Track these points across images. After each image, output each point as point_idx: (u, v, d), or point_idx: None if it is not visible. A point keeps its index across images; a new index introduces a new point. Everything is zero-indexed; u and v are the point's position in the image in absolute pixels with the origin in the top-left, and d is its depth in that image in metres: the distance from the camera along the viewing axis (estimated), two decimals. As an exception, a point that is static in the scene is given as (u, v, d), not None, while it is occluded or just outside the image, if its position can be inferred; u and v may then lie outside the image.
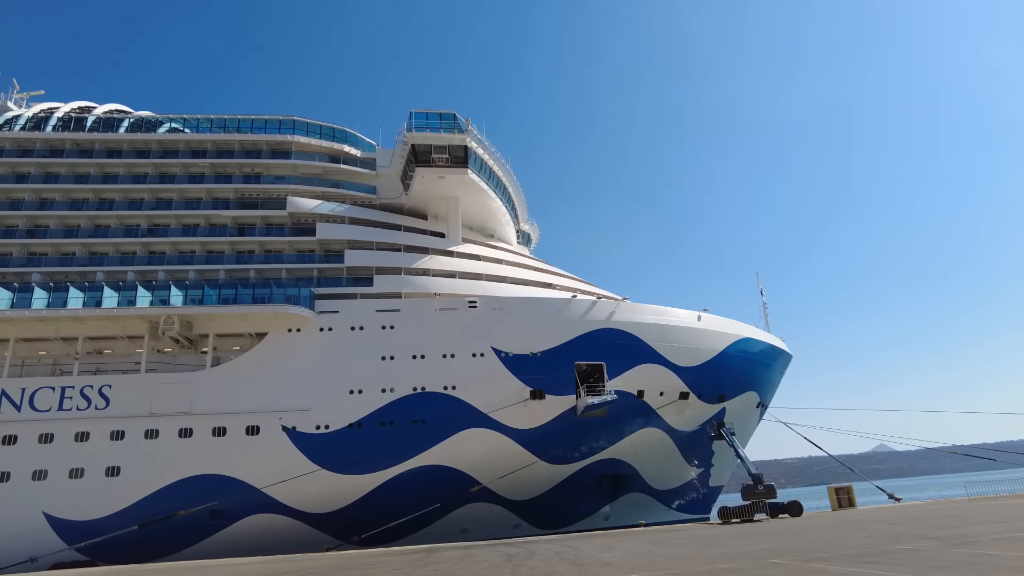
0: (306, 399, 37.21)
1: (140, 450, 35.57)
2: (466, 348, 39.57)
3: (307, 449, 36.26)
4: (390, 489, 36.74)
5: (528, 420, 39.01)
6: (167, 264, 41.51)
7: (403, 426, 37.67)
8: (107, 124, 45.75)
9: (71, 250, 41.98)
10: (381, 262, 42.34)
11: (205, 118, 46.44)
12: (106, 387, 36.75)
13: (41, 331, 38.46)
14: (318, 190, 44.73)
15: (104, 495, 34.58)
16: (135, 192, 43.79)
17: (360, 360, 38.58)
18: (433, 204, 46.31)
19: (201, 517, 34.73)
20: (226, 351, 40.01)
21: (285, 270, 41.87)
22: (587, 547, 23.04)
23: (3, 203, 42.76)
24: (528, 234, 57.67)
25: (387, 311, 40.02)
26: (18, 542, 32.88)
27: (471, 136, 42.46)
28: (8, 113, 46.42)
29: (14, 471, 34.57)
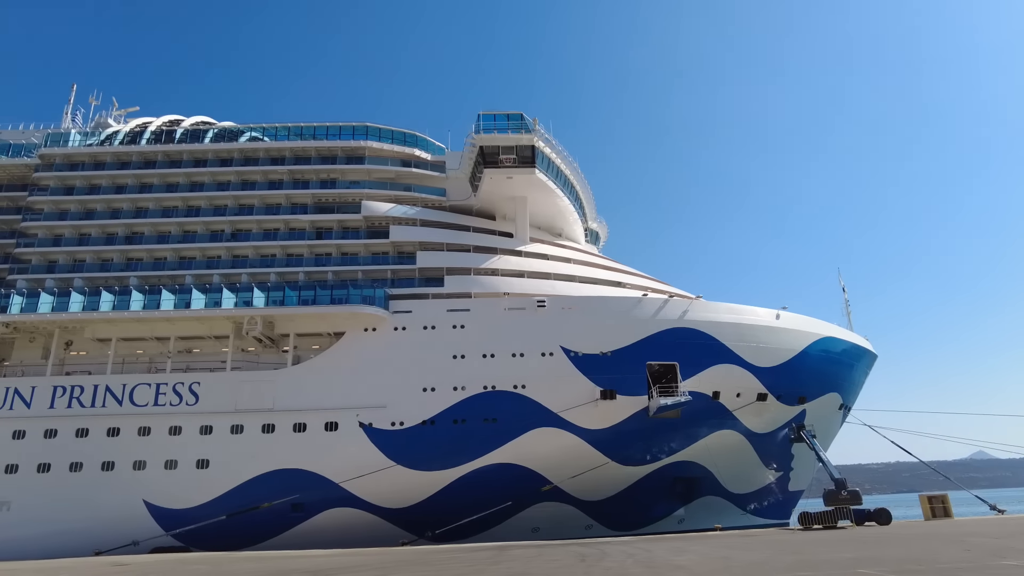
0: (382, 396, 38.21)
1: (227, 444, 37.43)
2: (535, 347, 39.61)
3: (383, 445, 37.22)
4: (462, 486, 37.21)
5: (599, 420, 38.68)
6: (250, 267, 43.48)
7: (475, 424, 38.09)
8: (194, 136, 48.40)
9: (163, 255, 44.64)
10: (451, 263, 42.98)
11: (283, 126, 48.43)
12: (196, 384, 38.91)
13: (138, 331, 41.17)
14: (391, 193, 45.88)
15: (195, 486, 36.63)
16: (220, 199, 46.12)
17: (432, 359, 39.27)
18: (501, 204, 46.65)
19: (283, 510, 36.24)
20: (306, 350, 41.57)
21: (361, 272, 43.14)
22: (660, 550, 22.61)
23: (105, 213, 45.92)
24: (596, 232, 57.19)
25: (458, 311, 40.57)
26: (122, 526, 35.27)
27: (538, 136, 42.53)
28: (108, 129, 49.81)
29: (118, 461, 37.11)
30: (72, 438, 37.53)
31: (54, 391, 38.70)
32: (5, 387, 38.81)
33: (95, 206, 46.06)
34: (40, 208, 45.73)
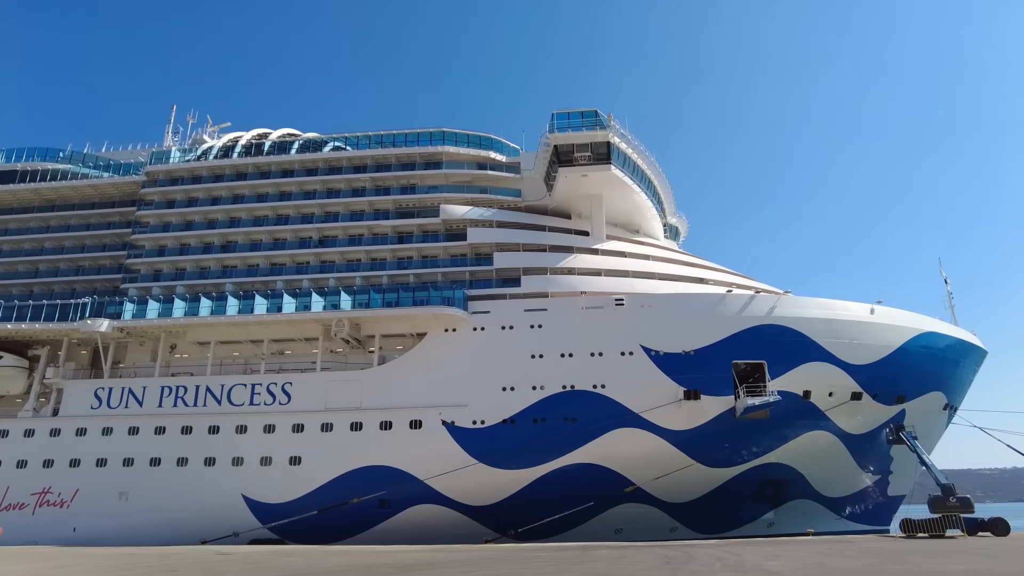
0: (463, 395, 38.84)
1: (317, 442, 39.06)
2: (614, 347, 39.18)
3: (465, 443, 37.82)
4: (544, 485, 37.27)
5: (683, 421, 37.83)
6: (337, 272, 45.23)
7: (555, 423, 38.08)
8: (281, 148, 50.77)
9: (256, 262, 47.08)
10: (528, 263, 43.17)
11: (364, 135, 50.07)
12: (288, 384, 40.86)
13: (234, 334, 43.58)
14: (467, 196, 46.59)
15: (289, 481, 38.42)
16: (307, 208, 48.17)
17: (511, 358, 39.57)
18: (577, 203, 46.41)
19: (371, 505, 37.46)
20: (390, 350, 42.83)
21: (440, 274, 44.05)
22: (750, 554, 21.87)
23: (203, 224, 48.93)
24: (676, 228, 55.96)
25: (535, 310, 40.71)
26: (223, 518, 37.47)
27: (613, 131, 42.05)
28: (204, 145, 53.00)
29: (218, 457, 39.44)
30: (178, 435, 40.23)
31: (162, 391, 41.64)
32: (121, 387, 42.12)
33: (194, 218, 49.18)
34: (147, 221, 49.25)
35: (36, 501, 39.86)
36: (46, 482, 40.21)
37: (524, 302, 41.20)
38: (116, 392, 42.01)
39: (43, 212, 51.73)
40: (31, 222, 51.71)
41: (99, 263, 49.88)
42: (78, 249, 50.57)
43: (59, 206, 51.94)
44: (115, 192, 51.53)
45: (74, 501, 39.57)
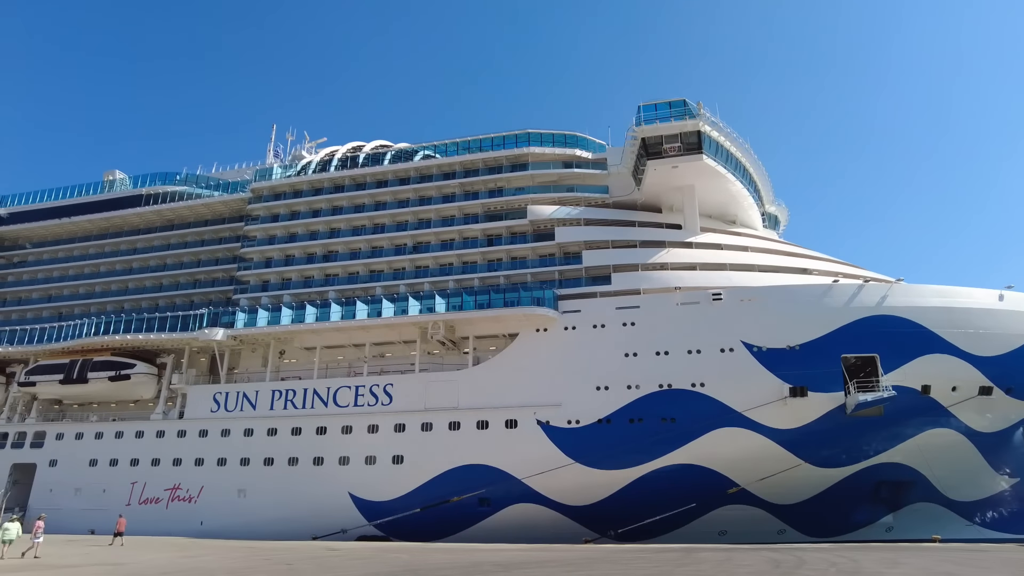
0: (556, 395, 38.79)
1: (418, 441, 40.16)
2: (713, 343, 37.90)
3: (561, 443, 37.74)
4: (643, 486, 36.58)
5: (789, 419, 36.07)
6: (431, 276, 46.38)
7: (652, 423, 37.30)
8: (374, 159, 52.70)
9: (356, 270, 49.09)
10: (618, 260, 42.56)
11: (452, 142, 51.11)
12: (389, 385, 42.29)
13: (338, 339, 45.59)
14: (554, 196, 46.53)
15: (392, 480, 39.68)
16: (401, 216, 49.75)
17: (604, 357, 39.11)
18: (667, 196, 45.29)
19: (471, 504, 38.06)
20: (484, 351, 43.47)
21: (530, 274, 44.26)
22: (868, 560, 20.47)
23: (305, 235, 51.56)
24: (775, 216, 53.48)
25: (627, 308, 40.05)
26: (332, 515, 39.20)
27: (703, 120, 40.68)
28: (303, 160, 55.87)
29: (326, 457, 41.35)
30: (289, 435, 42.54)
31: (273, 394, 44.19)
32: (237, 391, 45.09)
33: (296, 230, 51.90)
34: (254, 235, 52.47)
35: (168, 496, 43.35)
36: (176, 479, 43.66)
37: (615, 300, 40.65)
38: (232, 396, 45.01)
39: (165, 231, 56.39)
40: (155, 241, 56.58)
41: (213, 276, 53.75)
42: (195, 264, 54.69)
43: (177, 225, 56.45)
44: (225, 209, 55.27)
45: (200, 497, 42.71)
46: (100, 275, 56.99)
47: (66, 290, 57.56)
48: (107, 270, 57.20)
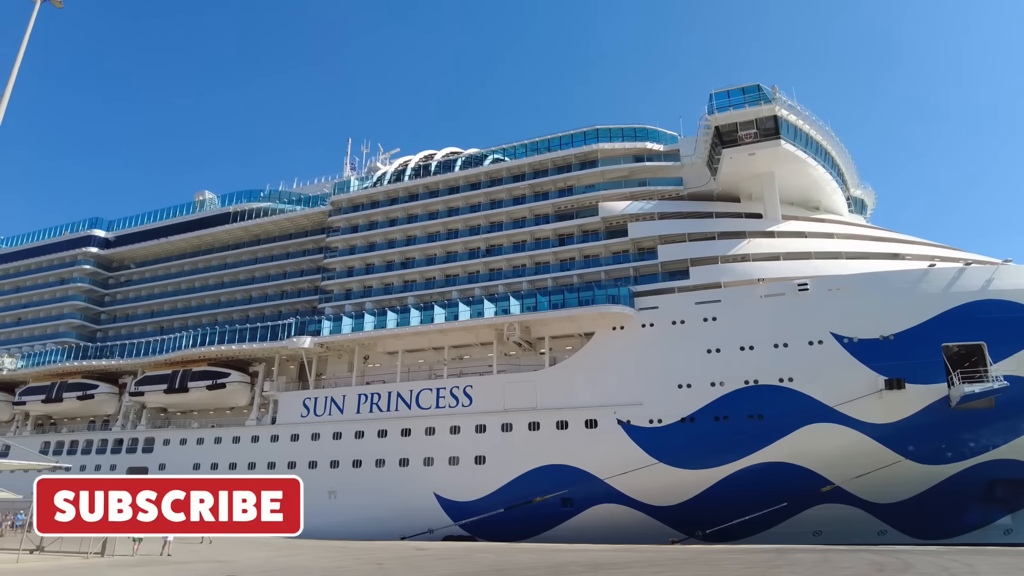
0: (637, 394, 38.18)
1: (499, 442, 40.44)
2: (800, 336, 36.34)
3: (643, 442, 37.12)
4: (730, 485, 35.46)
5: (885, 413, 34.12)
6: (504, 278, 46.71)
7: (738, 421, 36.14)
8: (446, 166, 53.63)
9: (432, 275, 50.07)
10: (695, 253, 41.45)
11: (520, 144, 51.32)
12: (468, 387, 42.80)
13: (418, 343, 46.63)
14: (626, 191, 45.82)
15: (475, 480, 40.10)
16: (473, 220, 50.37)
17: (685, 354, 38.20)
18: (745, 185, 43.77)
19: (554, 504, 37.99)
20: (560, 351, 43.34)
21: (604, 272, 43.78)
22: (985, 566, 19.00)
23: (383, 244, 53.05)
24: (862, 200, 50.70)
25: (707, 302, 38.97)
26: (419, 515, 40.05)
27: (780, 104, 39.06)
28: (378, 172, 57.56)
29: (411, 458, 42.28)
30: (375, 438, 43.76)
31: (359, 398, 45.63)
32: (325, 396, 46.85)
33: (375, 239, 53.48)
34: (335, 246, 54.47)
35: (265, 498, 45.46)
36: (272, 482, 45.76)
37: (694, 295, 39.62)
38: (320, 401, 46.79)
39: (252, 246, 59.40)
40: (243, 256, 59.71)
41: (299, 287, 56.19)
42: (281, 276, 57.31)
43: (264, 239, 59.30)
44: (307, 222, 57.64)
45: (295, 499, 44.55)
46: (195, 290, 60.69)
47: (166, 305, 61.67)
48: (201, 285, 60.83)
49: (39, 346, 62.34)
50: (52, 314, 64.91)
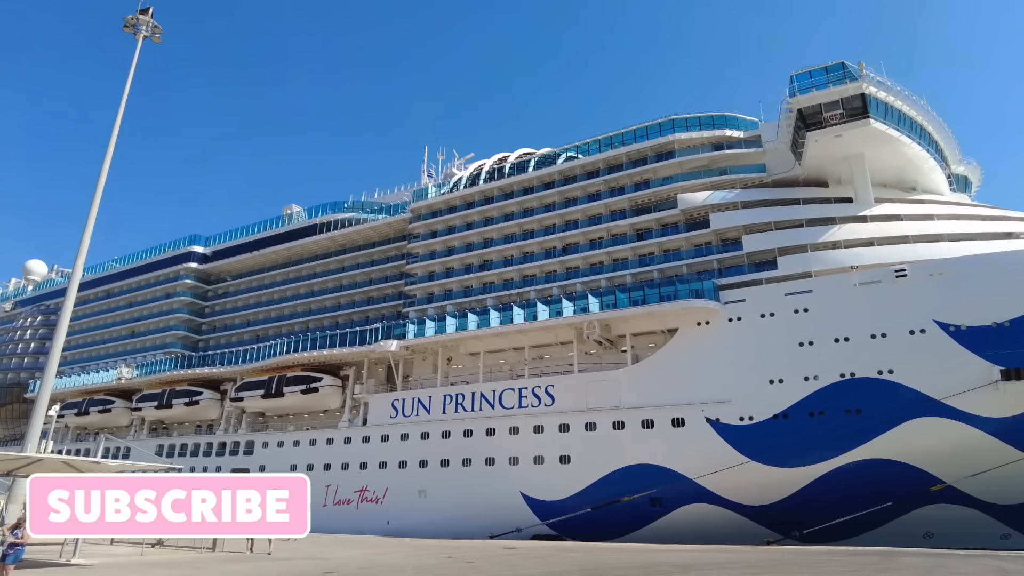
0: (725, 391, 37.01)
1: (583, 441, 40.19)
2: (900, 324, 34.20)
3: (733, 440, 35.96)
4: (828, 483, 33.81)
5: (1003, 406, 31.58)
6: (582, 277, 46.41)
7: (835, 416, 34.41)
8: (519, 168, 53.89)
9: (510, 276, 50.42)
10: (782, 242, 39.76)
11: (594, 140, 50.86)
12: (550, 386, 42.78)
13: (498, 344, 47.05)
14: (705, 182, 44.52)
15: (560, 480, 40.01)
16: (548, 220, 50.34)
17: (775, 348, 36.73)
18: (833, 168, 41.58)
19: (642, 504, 37.39)
20: (643, 348, 42.63)
21: (685, 266, 42.72)
22: None
23: (461, 248, 53.95)
24: (965, 177, 47.17)
25: (797, 293, 37.31)
26: (507, 514, 40.35)
27: (867, 81, 36.81)
28: (454, 177, 58.62)
29: (496, 457, 42.70)
30: (461, 438, 44.51)
31: (444, 399, 46.54)
32: (412, 397, 48.09)
33: (453, 244, 54.45)
34: (416, 252, 55.85)
35: (358, 498, 47.17)
36: (363, 481, 47.41)
37: (783, 285, 38.01)
38: (408, 402, 48.05)
39: (338, 255, 61.95)
40: (331, 265, 62.34)
41: (383, 292, 58.00)
42: (366, 283, 59.38)
43: (349, 248, 61.71)
44: (389, 230, 59.49)
45: (386, 498, 45.99)
46: (287, 299, 63.85)
47: (261, 315, 65.20)
48: (293, 294, 63.89)
49: (150, 356, 67.43)
50: (160, 326, 70.16)
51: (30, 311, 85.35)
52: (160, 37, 36.56)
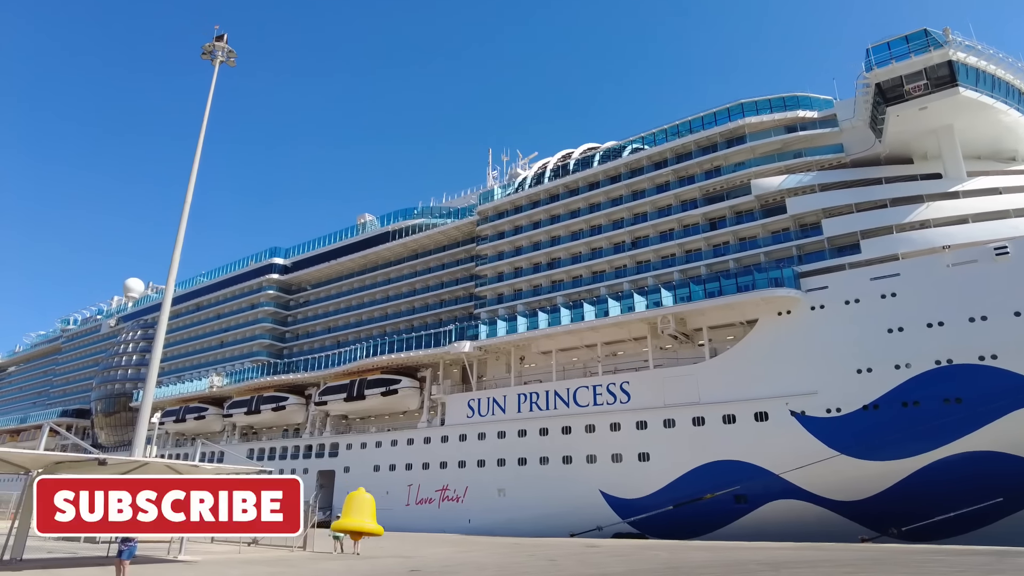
0: (810, 382, 35.49)
1: (662, 438, 39.47)
2: (1002, 306, 31.82)
3: (820, 433, 34.45)
4: (928, 477, 31.86)
5: None
6: (653, 270, 45.54)
7: (931, 406, 32.37)
8: (583, 163, 53.44)
9: (579, 273, 50.10)
10: (865, 225, 37.77)
11: (660, 130, 49.78)
12: (625, 383, 42.25)
13: (570, 342, 46.83)
14: (780, 166, 42.74)
15: (640, 477, 39.44)
16: (616, 214, 49.69)
17: (862, 336, 34.91)
18: (917, 143, 39.13)
19: (726, 501, 36.37)
20: (721, 342, 41.43)
21: (762, 254, 41.20)
22: None
23: (529, 247, 54.04)
24: (1074, 143, 43.40)
25: (884, 277, 35.32)
26: (586, 512, 40.13)
27: (954, 47, 34.38)
28: (519, 178, 58.86)
29: (573, 455, 42.52)
30: (537, 436, 44.59)
31: (518, 398, 46.77)
32: (488, 397, 48.60)
33: (521, 243, 54.63)
34: (485, 254, 56.40)
35: (439, 497, 48.07)
36: (444, 480, 48.27)
37: (868, 270, 36.08)
38: (483, 402, 48.57)
39: (411, 260, 63.49)
40: (404, 270, 63.99)
41: (455, 295, 58.97)
42: (438, 286, 60.53)
43: (420, 253, 63.11)
44: (457, 234, 60.39)
45: (466, 497, 46.64)
46: (364, 305, 65.91)
47: (340, 321, 67.60)
48: (369, 300, 65.91)
49: (238, 365, 71.15)
50: (246, 336, 73.96)
51: (131, 326, 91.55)
52: (235, 61, 38.44)
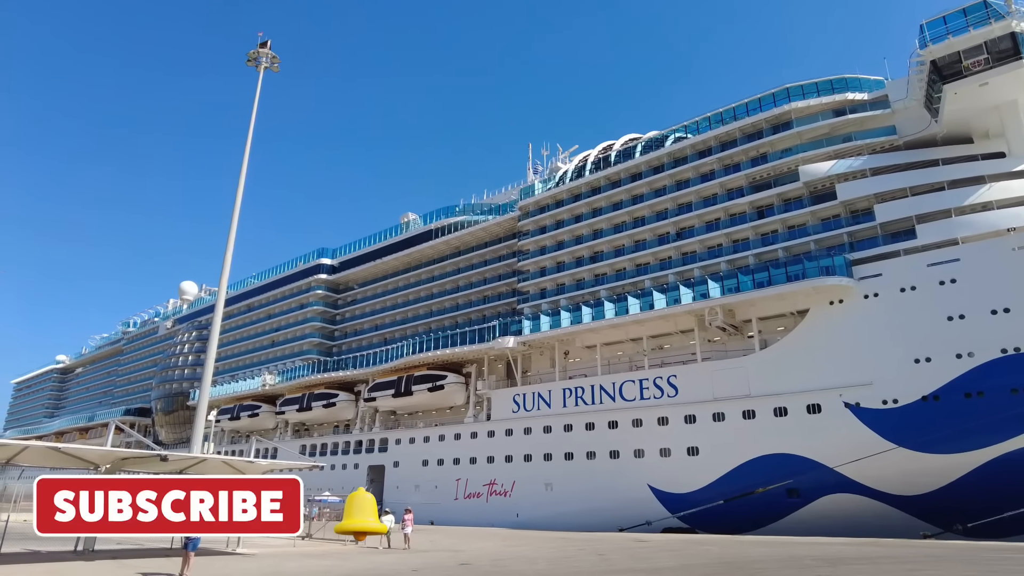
0: (865, 373, 34.36)
1: (711, 432, 38.83)
2: None
3: (876, 425, 33.35)
4: (995, 471, 30.47)
5: None
6: (699, 261, 44.70)
7: (997, 396, 30.95)
8: (625, 155, 52.75)
9: (622, 266, 49.57)
10: (921, 209, 36.31)
11: (703, 118, 48.73)
12: (672, 377, 41.67)
13: (615, 336, 46.43)
14: (828, 151, 41.30)
15: (689, 472, 38.90)
16: (659, 205, 48.88)
17: (920, 324, 33.63)
18: (978, 121, 37.30)
19: (778, 495, 35.56)
20: (771, 333, 40.48)
21: (812, 242, 39.95)
22: None
23: (571, 241, 53.74)
24: None
25: (942, 263, 33.91)
26: (635, 507, 39.80)
27: (1017, 17, 32.49)
28: (559, 172, 58.49)
29: (620, 450, 42.22)
30: (583, 431, 44.42)
31: (564, 392, 46.67)
32: (532, 392, 48.67)
33: (563, 238, 54.32)
34: (527, 249, 56.34)
35: (487, 491, 48.39)
36: (492, 475, 48.56)
37: (925, 255, 34.69)
38: (528, 397, 48.66)
39: (454, 258, 63.99)
40: (447, 267, 64.55)
41: (498, 291, 59.14)
42: (481, 282, 60.81)
43: (463, 250, 63.52)
44: (499, 230, 60.50)
45: (514, 491, 46.82)
46: (410, 303, 66.82)
47: (387, 319, 68.69)
48: (415, 298, 66.80)
49: (289, 363, 73.02)
50: (297, 335, 75.90)
51: (186, 327, 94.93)
52: (278, 66, 39.25)
